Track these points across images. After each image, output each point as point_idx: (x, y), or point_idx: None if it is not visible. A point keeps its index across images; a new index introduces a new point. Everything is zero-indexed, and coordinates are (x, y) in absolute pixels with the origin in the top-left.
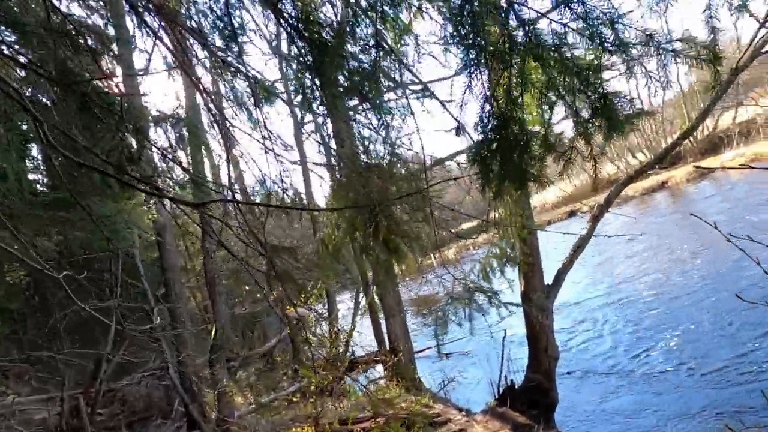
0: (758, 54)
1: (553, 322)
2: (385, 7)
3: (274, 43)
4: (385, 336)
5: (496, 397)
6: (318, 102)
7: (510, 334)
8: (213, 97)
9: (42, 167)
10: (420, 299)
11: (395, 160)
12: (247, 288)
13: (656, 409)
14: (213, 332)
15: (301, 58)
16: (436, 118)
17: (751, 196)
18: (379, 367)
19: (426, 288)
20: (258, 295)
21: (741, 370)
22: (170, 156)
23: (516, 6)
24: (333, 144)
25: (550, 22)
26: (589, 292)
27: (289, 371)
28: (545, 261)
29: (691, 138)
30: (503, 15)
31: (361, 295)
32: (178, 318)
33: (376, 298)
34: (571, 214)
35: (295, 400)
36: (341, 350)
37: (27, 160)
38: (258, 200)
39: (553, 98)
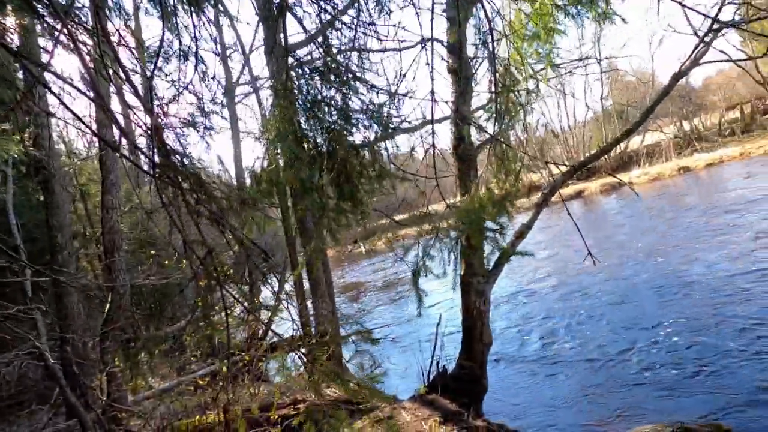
0: (697, 64)
1: (489, 309)
2: None
3: None
4: (311, 318)
5: (426, 383)
6: None
7: (445, 320)
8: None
9: None
10: (349, 285)
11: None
12: (157, 255)
13: (583, 396)
14: (107, 306)
15: None
16: None
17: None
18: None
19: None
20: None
21: (660, 359)
22: None
23: None
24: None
25: None
26: (515, 283)
27: (199, 352)
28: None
29: (607, 156)
30: None
31: (288, 273)
32: (66, 290)
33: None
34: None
35: (201, 383)
36: (261, 331)
37: None
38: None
39: None
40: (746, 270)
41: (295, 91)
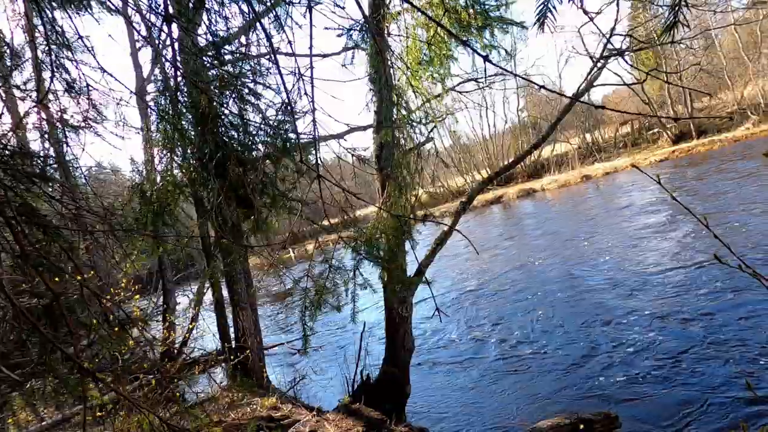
0: (591, 86)
1: (412, 314)
2: None
3: None
4: (231, 330)
5: (351, 393)
6: None
7: (369, 327)
8: None
9: None
10: (275, 294)
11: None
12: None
13: (502, 397)
14: None
15: None
16: None
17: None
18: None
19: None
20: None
21: (578, 358)
22: None
23: None
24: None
25: None
26: (436, 288)
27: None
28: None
29: (521, 163)
30: None
31: (207, 284)
32: None
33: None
34: (425, 218)
35: (100, 414)
36: (176, 348)
37: None
38: None
39: None
40: (635, 269)
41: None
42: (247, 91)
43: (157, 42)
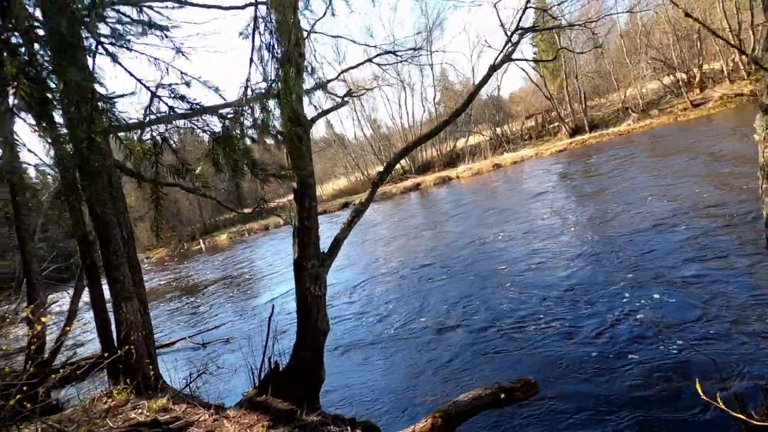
0: (508, 59)
1: (326, 293)
2: None
3: None
4: (114, 327)
5: (257, 384)
6: None
7: (276, 314)
8: None
9: None
10: (183, 287)
11: None
12: None
13: (421, 376)
14: None
15: None
16: None
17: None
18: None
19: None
20: None
21: (492, 332)
22: None
23: None
24: None
25: None
26: (349, 269)
27: None
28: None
29: (438, 153)
30: None
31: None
32: None
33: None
34: (345, 205)
35: None
36: (47, 355)
37: None
38: None
39: None
40: (543, 244)
41: None
42: None
43: None
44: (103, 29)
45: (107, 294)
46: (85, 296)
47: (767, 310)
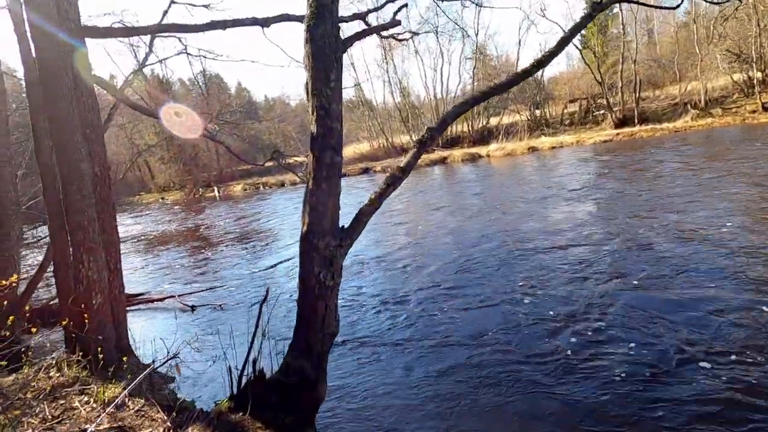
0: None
1: (339, 283)
2: None
3: None
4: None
5: (234, 393)
6: None
7: (275, 295)
8: None
9: None
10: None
11: None
12: None
13: (447, 389)
14: None
15: None
16: None
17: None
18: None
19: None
20: None
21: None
22: None
23: None
24: None
25: None
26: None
27: None
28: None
29: (470, 128)
30: None
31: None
32: None
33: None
34: (365, 171)
35: None
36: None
37: None
38: None
39: None
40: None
41: None
42: None
43: None
44: None
45: None
46: None
47: None
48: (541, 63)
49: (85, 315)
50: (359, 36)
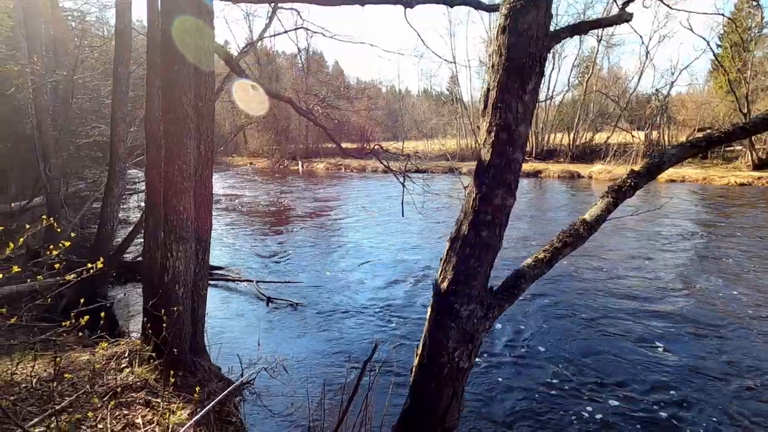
0: None
1: (473, 364)
2: None
3: None
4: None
5: None
6: None
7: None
8: None
9: None
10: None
11: None
12: None
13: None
14: None
15: None
16: None
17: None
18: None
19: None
20: None
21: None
22: None
23: None
24: None
25: None
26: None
27: None
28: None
29: (570, 142)
30: None
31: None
32: None
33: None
34: (450, 170)
35: None
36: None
37: None
38: None
39: None
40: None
41: None
42: None
43: None
44: None
45: None
46: None
47: None
48: None
49: (163, 309)
50: (574, 30)
